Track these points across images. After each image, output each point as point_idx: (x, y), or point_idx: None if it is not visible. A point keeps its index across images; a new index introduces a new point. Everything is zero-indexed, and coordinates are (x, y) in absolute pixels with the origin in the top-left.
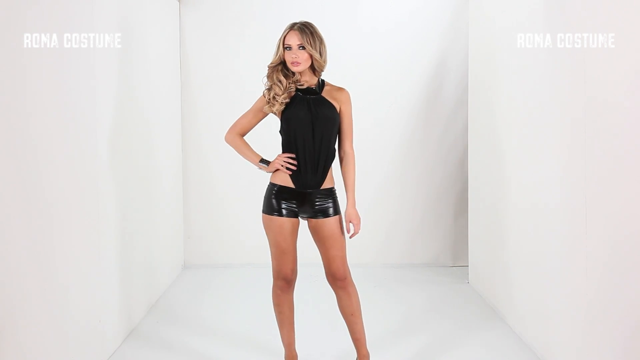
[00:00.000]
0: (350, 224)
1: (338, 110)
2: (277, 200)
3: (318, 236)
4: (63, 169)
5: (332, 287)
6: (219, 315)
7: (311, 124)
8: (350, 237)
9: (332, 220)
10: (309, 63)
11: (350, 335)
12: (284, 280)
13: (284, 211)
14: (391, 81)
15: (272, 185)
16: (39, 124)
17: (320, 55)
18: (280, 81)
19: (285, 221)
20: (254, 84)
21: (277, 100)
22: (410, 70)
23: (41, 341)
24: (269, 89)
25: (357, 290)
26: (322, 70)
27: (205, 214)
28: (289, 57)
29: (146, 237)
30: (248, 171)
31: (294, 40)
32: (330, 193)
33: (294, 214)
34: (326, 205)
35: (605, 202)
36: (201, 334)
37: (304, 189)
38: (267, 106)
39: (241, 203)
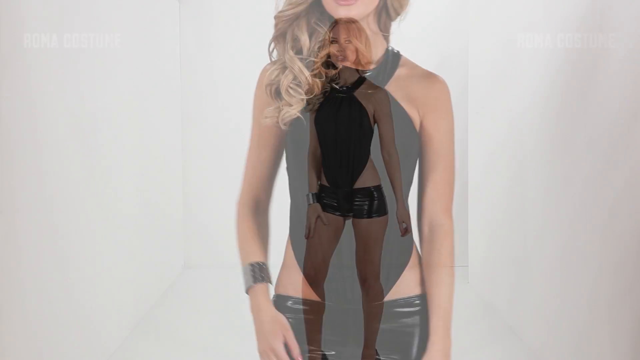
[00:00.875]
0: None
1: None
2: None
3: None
4: (63, 169)
5: None
6: (219, 315)
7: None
8: (402, 236)
9: (363, 222)
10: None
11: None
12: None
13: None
14: None
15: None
16: (38, 123)
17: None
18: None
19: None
20: (254, 83)
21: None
22: None
23: (42, 340)
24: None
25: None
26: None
27: (205, 213)
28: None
29: (146, 236)
30: None
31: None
32: (368, 193)
33: (337, 212)
34: (361, 206)
35: (604, 202)
36: (201, 334)
37: (335, 186)
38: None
39: None
